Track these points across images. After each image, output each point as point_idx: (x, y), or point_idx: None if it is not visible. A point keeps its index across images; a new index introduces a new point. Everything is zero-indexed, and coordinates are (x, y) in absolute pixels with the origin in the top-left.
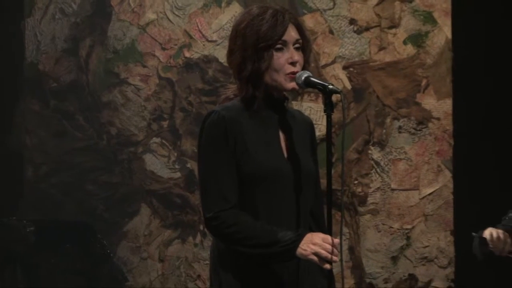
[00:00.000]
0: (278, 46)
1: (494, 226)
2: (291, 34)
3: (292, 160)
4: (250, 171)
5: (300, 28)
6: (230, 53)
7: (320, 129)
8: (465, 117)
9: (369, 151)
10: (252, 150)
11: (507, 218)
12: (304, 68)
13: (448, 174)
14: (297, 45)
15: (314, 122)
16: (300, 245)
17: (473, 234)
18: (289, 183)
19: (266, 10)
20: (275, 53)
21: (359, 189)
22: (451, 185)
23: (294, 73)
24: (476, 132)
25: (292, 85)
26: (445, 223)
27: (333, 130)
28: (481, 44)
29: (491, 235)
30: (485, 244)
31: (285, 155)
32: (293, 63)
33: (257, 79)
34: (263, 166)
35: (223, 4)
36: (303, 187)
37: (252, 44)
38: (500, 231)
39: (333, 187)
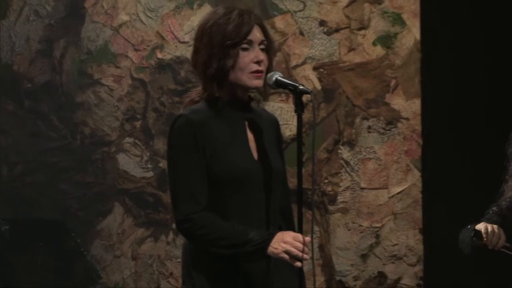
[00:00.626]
0: (244, 45)
1: (466, 223)
2: (257, 34)
3: (261, 160)
4: (220, 172)
5: (265, 30)
6: (196, 52)
7: (291, 129)
8: (433, 117)
9: (339, 151)
10: (221, 151)
11: (490, 212)
12: (269, 68)
13: (416, 173)
14: (262, 46)
15: (284, 122)
16: (271, 244)
17: (468, 226)
18: (258, 183)
19: (232, 10)
20: (241, 52)
21: (329, 188)
22: (419, 184)
23: (258, 71)
24: (444, 132)
25: (255, 83)
26: (414, 222)
27: (303, 130)
28: (449, 46)
29: (486, 229)
30: (479, 237)
31: (254, 155)
32: (258, 62)
33: (222, 77)
34: (232, 167)
35: (195, 6)
36: (272, 186)
37: (218, 43)
38: (495, 226)
39: (304, 186)
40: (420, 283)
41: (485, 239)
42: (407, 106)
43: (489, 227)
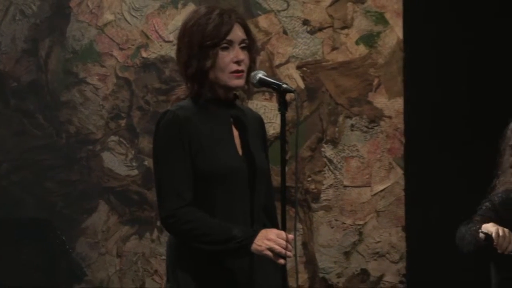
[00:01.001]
0: (224, 45)
1: (448, 220)
2: (237, 33)
3: (246, 158)
4: (205, 169)
5: (246, 28)
6: (178, 52)
7: (274, 128)
8: (416, 116)
9: (322, 149)
10: (207, 148)
11: (483, 208)
12: (250, 68)
13: (399, 171)
14: (243, 45)
15: (268, 120)
16: (255, 241)
17: (470, 225)
18: (243, 180)
19: (213, 9)
20: (220, 52)
21: (313, 186)
22: (402, 182)
23: (238, 71)
24: (426, 130)
25: (236, 82)
26: (397, 219)
27: (287, 128)
28: (431, 45)
29: (498, 233)
30: (490, 241)
31: (239, 152)
32: (238, 62)
33: (202, 77)
34: (218, 164)
35: (179, 6)
36: (256, 184)
37: (197, 43)
38: (506, 230)
39: (287, 184)
40: (402, 280)
41: (495, 243)
42: (390, 104)
43: (500, 230)
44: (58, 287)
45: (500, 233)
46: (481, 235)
